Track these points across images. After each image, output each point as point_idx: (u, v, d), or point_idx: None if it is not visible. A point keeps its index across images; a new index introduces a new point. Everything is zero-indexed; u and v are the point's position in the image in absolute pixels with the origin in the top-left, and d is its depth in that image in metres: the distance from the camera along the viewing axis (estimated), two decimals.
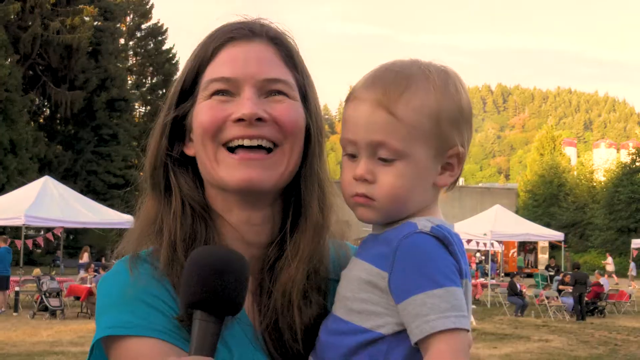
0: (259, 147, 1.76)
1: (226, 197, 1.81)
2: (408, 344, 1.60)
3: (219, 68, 1.81)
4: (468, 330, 1.59)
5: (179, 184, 1.85)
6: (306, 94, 1.90)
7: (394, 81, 1.69)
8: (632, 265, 48.36)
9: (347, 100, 1.76)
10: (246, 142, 1.75)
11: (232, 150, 1.76)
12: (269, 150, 1.77)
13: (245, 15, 1.91)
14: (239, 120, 1.74)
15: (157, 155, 1.86)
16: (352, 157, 1.73)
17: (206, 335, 1.44)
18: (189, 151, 1.87)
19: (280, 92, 1.82)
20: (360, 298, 1.67)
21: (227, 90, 1.79)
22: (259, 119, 1.75)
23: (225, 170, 1.76)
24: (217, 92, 1.80)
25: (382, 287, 1.64)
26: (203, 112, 1.79)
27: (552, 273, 31.07)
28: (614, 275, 46.22)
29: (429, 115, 1.67)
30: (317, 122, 1.90)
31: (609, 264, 50.86)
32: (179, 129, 1.87)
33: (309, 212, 1.86)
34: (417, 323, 1.56)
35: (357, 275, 1.70)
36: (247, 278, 1.52)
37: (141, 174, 1.94)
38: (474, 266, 51.40)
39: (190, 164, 1.88)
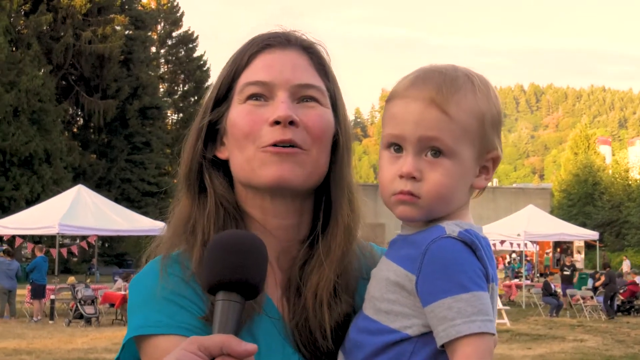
0: (291, 146, 1.81)
1: (257, 194, 1.86)
2: (433, 346, 1.63)
3: (255, 72, 1.87)
4: (494, 334, 1.61)
5: (214, 184, 1.90)
6: (336, 102, 1.95)
7: (444, 82, 1.71)
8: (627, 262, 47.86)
9: (392, 98, 1.78)
10: (280, 145, 1.80)
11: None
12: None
13: (280, 25, 1.96)
14: (275, 123, 1.79)
15: (192, 157, 1.92)
16: (396, 152, 1.74)
17: (228, 314, 1.44)
18: (221, 154, 1.92)
19: (312, 99, 1.87)
20: (388, 299, 1.70)
21: (262, 95, 1.85)
22: (292, 123, 1.80)
23: (260, 166, 1.81)
24: (252, 96, 1.85)
25: (409, 289, 1.66)
26: (241, 117, 1.85)
27: (567, 272, 30.93)
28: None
29: (477, 117, 1.72)
30: (345, 130, 1.95)
31: (578, 261, 50.44)
32: (211, 133, 1.93)
33: (340, 214, 1.90)
34: (444, 327, 1.59)
35: (385, 276, 1.72)
36: (265, 259, 1.53)
37: (175, 181, 2.02)
38: (500, 266, 51.29)
39: (221, 166, 1.93)
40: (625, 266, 44.41)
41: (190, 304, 1.74)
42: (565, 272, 30.98)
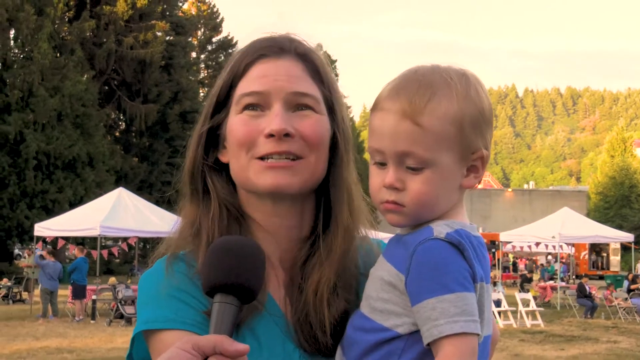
0: (287, 158, 1.85)
1: (257, 198, 1.91)
2: (423, 344, 1.66)
3: (250, 83, 1.90)
4: (477, 334, 1.63)
5: (216, 188, 1.95)
6: (333, 106, 1.98)
7: (418, 91, 1.71)
8: None
9: (373, 109, 1.80)
10: (275, 157, 1.84)
11: (261, 159, 1.86)
12: (295, 159, 1.87)
13: (273, 32, 2.00)
14: (270, 136, 1.84)
15: (194, 163, 1.97)
16: (381, 165, 1.77)
17: (224, 316, 1.50)
18: (223, 158, 1.97)
19: (307, 107, 1.90)
20: (382, 298, 1.73)
21: (258, 105, 1.88)
22: (287, 135, 1.84)
23: (255, 176, 1.86)
24: (248, 106, 1.89)
25: (401, 289, 1.70)
26: (237, 127, 1.89)
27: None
28: None
29: (453, 122, 1.70)
30: (343, 132, 1.99)
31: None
32: (213, 138, 1.98)
33: (340, 216, 1.95)
34: (428, 327, 1.62)
35: (380, 275, 1.76)
36: (262, 263, 1.60)
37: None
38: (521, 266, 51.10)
39: (224, 170, 1.98)
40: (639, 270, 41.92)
41: (194, 300, 1.81)
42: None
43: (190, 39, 66.92)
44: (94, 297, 25.22)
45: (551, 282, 36.07)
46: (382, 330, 1.71)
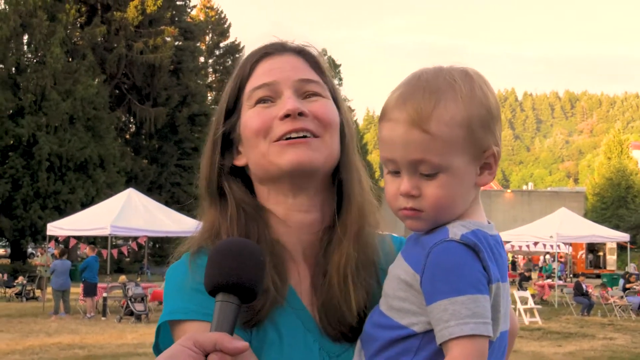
0: (304, 136, 1.86)
1: (279, 192, 1.92)
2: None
3: (259, 78, 1.92)
4: (488, 336, 1.60)
5: (232, 191, 1.95)
6: (335, 96, 2.01)
7: (423, 98, 1.67)
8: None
9: (381, 120, 1.76)
10: (293, 135, 1.85)
11: (279, 140, 1.87)
12: (313, 137, 1.88)
13: (275, 36, 2.04)
14: (285, 117, 1.84)
15: (210, 169, 1.98)
16: (394, 173, 1.74)
17: (225, 314, 1.51)
18: (239, 162, 1.98)
19: (315, 94, 1.93)
20: (399, 296, 1.72)
21: (269, 97, 1.90)
22: (301, 114, 1.85)
23: (276, 157, 1.85)
24: (260, 100, 1.90)
25: (417, 288, 1.67)
26: (252, 118, 1.89)
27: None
28: None
29: (461, 125, 1.67)
30: (347, 121, 2.01)
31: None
32: (227, 144, 1.99)
33: (352, 194, 1.94)
34: (439, 328, 1.60)
35: (397, 274, 1.75)
36: (263, 263, 1.61)
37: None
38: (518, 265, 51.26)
39: (239, 174, 1.99)
40: (632, 269, 40.27)
41: None
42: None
43: (198, 44, 66.88)
44: (104, 294, 25.47)
45: (549, 281, 36.20)
46: (399, 327, 1.71)
